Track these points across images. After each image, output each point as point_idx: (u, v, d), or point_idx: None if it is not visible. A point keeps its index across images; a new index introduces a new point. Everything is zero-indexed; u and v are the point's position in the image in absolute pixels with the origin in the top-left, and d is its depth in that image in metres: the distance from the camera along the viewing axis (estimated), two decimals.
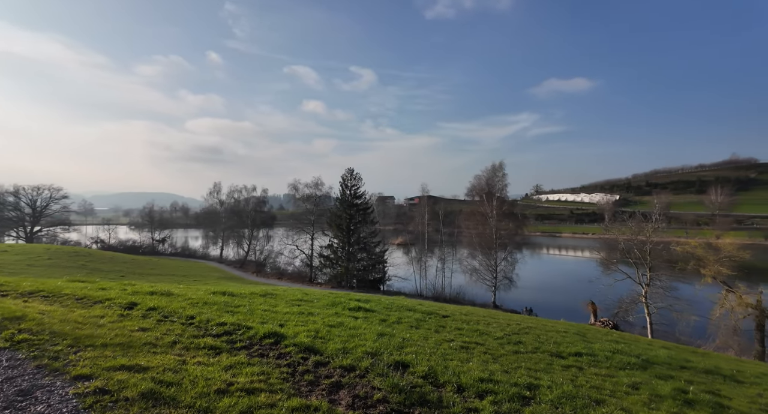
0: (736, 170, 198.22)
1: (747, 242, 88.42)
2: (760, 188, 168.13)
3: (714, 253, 27.11)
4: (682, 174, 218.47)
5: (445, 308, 11.70)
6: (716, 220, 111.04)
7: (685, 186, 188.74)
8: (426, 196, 54.33)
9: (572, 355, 6.84)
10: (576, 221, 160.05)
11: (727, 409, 4.83)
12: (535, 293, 44.12)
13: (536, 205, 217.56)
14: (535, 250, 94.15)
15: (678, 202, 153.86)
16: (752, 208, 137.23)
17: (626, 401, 4.63)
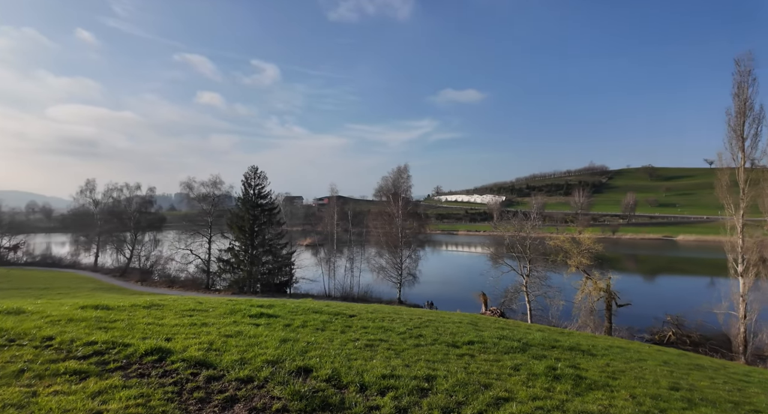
0: (592, 175, 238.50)
1: (600, 236, 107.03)
2: (610, 191, 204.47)
3: (577, 247, 31.97)
4: (553, 178, 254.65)
5: (352, 308, 11.77)
6: (579, 218, 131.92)
7: (556, 189, 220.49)
8: (335, 197, 54.25)
9: (466, 344, 7.44)
10: (470, 220, 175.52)
11: (585, 380, 5.73)
12: (436, 287, 47.17)
13: (437, 205, 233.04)
14: (435, 247, 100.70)
15: (551, 202, 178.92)
16: (604, 208, 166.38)
17: (509, 382, 5.18)
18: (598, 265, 36.12)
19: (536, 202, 57.25)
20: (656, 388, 5.80)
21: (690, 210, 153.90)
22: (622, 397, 5.12)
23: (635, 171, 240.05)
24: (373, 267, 44.01)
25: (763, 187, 23.10)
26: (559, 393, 4.98)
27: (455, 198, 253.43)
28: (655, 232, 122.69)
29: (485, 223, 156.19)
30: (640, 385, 5.84)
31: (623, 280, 44.04)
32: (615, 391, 5.42)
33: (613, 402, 4.87)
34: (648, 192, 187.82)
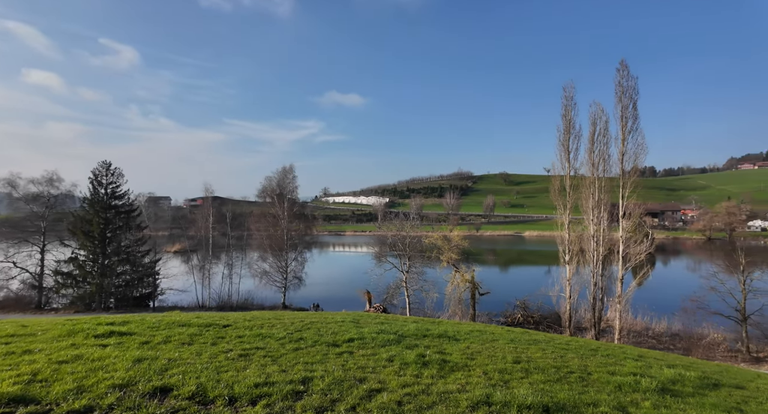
0: (461, 180, 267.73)
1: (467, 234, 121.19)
2: (474, 193, 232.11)
3: (448, 244, 35.41)
4: (429, 182, 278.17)
5: (227, 317, 10.94)
6: (450, 217, 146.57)
7: (431, 191, 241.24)
8: (211, 197, 49.50)
9: (346, 341, 7.61)
10: (357, 221, 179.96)
11: (448, 363, 6.43)
12: (323, 288, 47.05)
13: (324, 207, 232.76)
14: (323, 248, 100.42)
15: (427, 203, 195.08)
16: (470, 208, 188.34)
17: (383, 374, 5.49)
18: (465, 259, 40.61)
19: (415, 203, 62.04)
20: (503, 363, 6.82)
21: (534, 210, 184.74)
22: (476, 375, 5.89)
23: (494, 176, 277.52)
24: (256, 272, 41.68)
25: (581, 192, 28.93)
26: (426, 378, 5.47)
27: (342, 199, 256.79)
28: (509, 229, 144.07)
29: (371, 223, 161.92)
30: (492, 362, 6.80)
31: (484, 271, 50.70)
32: (472, 370, 6.20)
33: (470, 380, 5.56)
34: (503, 195, 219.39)
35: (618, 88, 25.43)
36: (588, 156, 28.41)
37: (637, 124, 25.95)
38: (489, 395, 4.67)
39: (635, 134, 26.07)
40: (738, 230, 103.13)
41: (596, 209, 28.01)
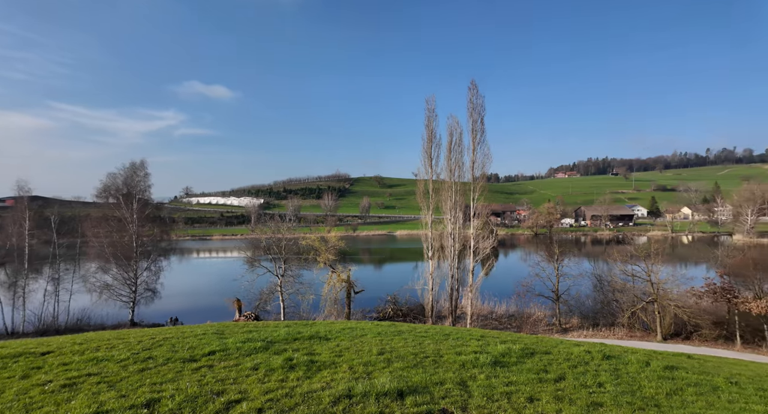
0: (338, 181, 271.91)
1: (344, 234, 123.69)
2: (352, 195, 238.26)
3: (325, 245, 35.56)
4: (307, 183, 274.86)
5: (48, 343, 8.94)
6: (328, 219, 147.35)
7: (309, 192, 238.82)
8: (27, 197, 39.40)
9: (206, 355, 7.02)
10: (226, 224, 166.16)
11: (316, 363, 6.53)
12: (184, 300, 42.13)
13: (186, 208, 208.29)
14: (185, 255, 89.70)
15: (305, 205, 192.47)
16: (347, 210, 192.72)
17: (245, 383, 5.26)
18: (342, 260, 41.33)
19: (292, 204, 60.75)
20: (369, 356, 7.24)
21: (405, 211, 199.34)
22: (342, 370, 6.12)
23: (369, 179, 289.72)
24: (94, 286, 34.85)
25: (442, 194, 32.35)
26: (291, 381, 5.45)
27: (209, 200, 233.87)
28: (383, 228, 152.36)
29: (243, 226, 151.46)
30: (358, 357, 7.14)
31: (360, 270, 52.48)
32: (339, 366, 6.41)
33: (335, 376, 5.75)
34: (378, 196, 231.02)
35: (469, 104, 29.35)
36: (447, 163, 32.02)
37: (485, 137, 30.41)
38: (351, 388, 4.92)
39: (483, 146, 30.51)
40: (555, 227, 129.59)
41: (453, 210, 31.74)
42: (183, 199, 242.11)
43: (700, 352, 19.68)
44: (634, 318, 29.79)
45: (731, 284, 28.51)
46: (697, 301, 28.06)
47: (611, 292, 32.78)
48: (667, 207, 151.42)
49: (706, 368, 8.93)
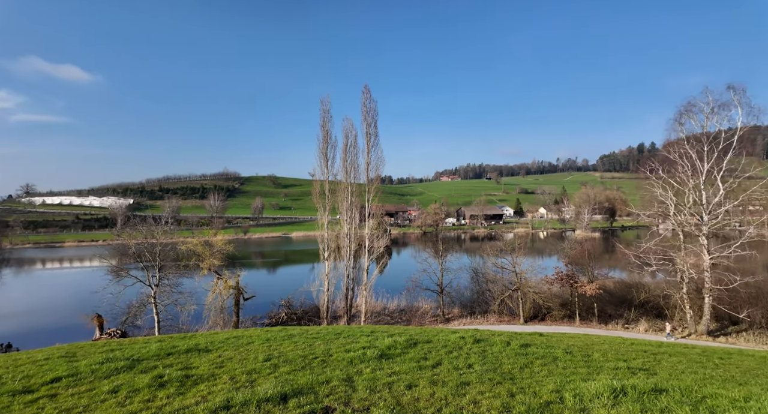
0: (227, 180, 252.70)
1: (233, 237, 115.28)
2: (242, 195, 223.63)
3: (210, 249, 32.71)
4: (189, 181, 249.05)
5: None
6: (214, 221, 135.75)
7: (191, 192, 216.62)
8: None
9: (47, 383, 5.88)
10: (84, 228, 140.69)
11: (191, 377, 5.99)
12: (23, 321, 34.44)
13: (27, 210, 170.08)
14: (23, 267, 73.25)
15: (187, 205, 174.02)
16: (237, 211, 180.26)
17: (99, 410, 4.57)
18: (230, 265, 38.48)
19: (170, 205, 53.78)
20: (254, 364, 6.92)
21: (301, 212, 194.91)
22: (222, 382, 5.74)
23: (262, 178, 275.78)
24: None
25: (338, 195, 32.53)
26: (160, 399, 4.91)
27: (60, 200, 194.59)
28: (277, 230, 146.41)
29: (106, 230, 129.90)
30: (242, 366, 6.77)
31: (251, 275, 49.59)
32: (218, 378, 5.99)
33: (213, 389, 5.37)
34: (272, 197, 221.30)
35: (363, 108, 30.15)
36: (343, 164, 32.33)
37: (378, 140, 31.56)
38: (230, 399, 4.66)
39: (377, 148, 31.63)
40: (440, 226, 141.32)
41: (350, 210, 32.20)
42: (21, 199, 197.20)
43: (550, 330, 23.57)
44: (503, 305, 34.15)
45: (573, 271, 34.73)
46: (549, 287, 33.46)
47: (485, 283, 37.05)
48: (529, 207, 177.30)
49: (551, 343, 10.74)
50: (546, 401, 4.73)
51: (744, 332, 25.74)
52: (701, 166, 26.84)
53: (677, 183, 28.33)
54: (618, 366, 7.70)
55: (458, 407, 4.63)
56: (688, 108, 28.17)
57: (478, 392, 5.24)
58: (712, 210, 26.53)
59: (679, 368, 8.15)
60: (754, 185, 26.43)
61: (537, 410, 4.41)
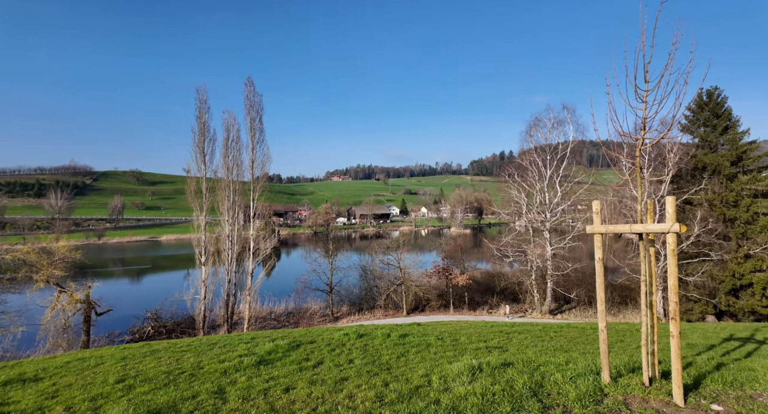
0: (74, 176, 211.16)
1: (84, 243, 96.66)
2: (96, 193, 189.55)
3: (48, 257, 26.97)
4: (19, 176, 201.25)
5: None
6: (57, 223, 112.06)
7: (23, 188, 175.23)
8: None
9: None
10: None
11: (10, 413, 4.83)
12: None
13: None
14: None
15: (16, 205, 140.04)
16: (89, 212, 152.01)
17: None
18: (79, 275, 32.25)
19: None
20: (102, 388, 5.91)
21: (172, 212, 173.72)
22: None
23: (123, 174, 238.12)
24: None
25: (218, 194, 29.96)
26: None
27: None
28: (142, 233, 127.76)
29: None
30: (84, 392, 5.72)
31: (107, 285, 42.27)
32: (50, 410, 4.95)
33: None
34: (136, 195, 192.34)
35: (246, 101, 28.38)
36: (223, 160, 29.88)
37: (264, 136, 30.03)
38: None
39: (262, 145, 30.06)
40: (331, 225, 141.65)
41: (232, 210, 29.92)
42: None
43: (428, 320, 25.61)
44: (388, 299, 35.88)
45: (448, 265, 38.37)
46: (429, 280, 36.34)
47: (373, 280, 38.42)
48: (412, 207, 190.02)
49: (426, 331, 11.67)
50: (416, 386, 5.11)
51: (573, 309, 31.82)
52: (545, 172, 32.30)
53: (528, 186, 33.54)
54: (479, 347, 8.76)
55: (334, 403, 4.69)
56: (535, 123, 33.69)
57: (355, 386, 5.38)
58: (552, 209, 32.13)
59: (524, 344, 9.67)
60: (580, 189, 32.90)
61: (407, 395, 4.73)
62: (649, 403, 4.19)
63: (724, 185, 26.19)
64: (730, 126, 26.84)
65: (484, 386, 4.71)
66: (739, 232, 25.37)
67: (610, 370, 5.09)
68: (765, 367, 5.56)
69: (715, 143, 27.12)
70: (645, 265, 4.86)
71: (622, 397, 4.36)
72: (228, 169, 29.96)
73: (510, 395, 4.43)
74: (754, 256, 24.55)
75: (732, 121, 26.88)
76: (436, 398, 4.53)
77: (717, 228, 25.24)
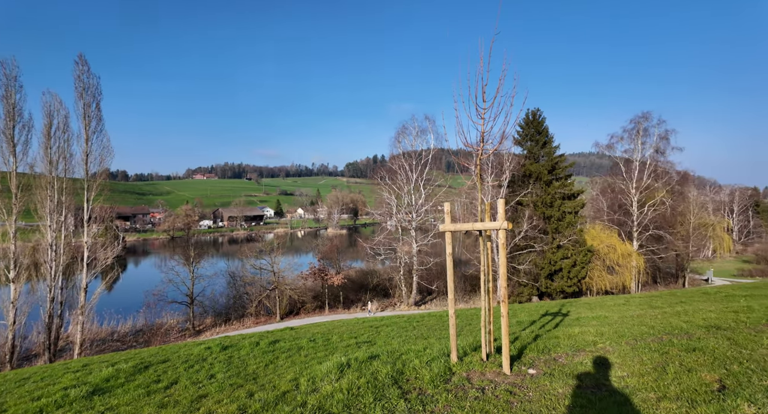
0: None
1: None
2: None
3: None
4: None
5: None
6: None
7: None
8: None
9: None
10: None
11: None
12: None
13: None
14: None
15: None
16: None
17: None
18: None
19: None
20: None
21: None
22: None
23: None
24: None
25: (37, 193, 24.01)
26: None
27: None
28: None
29: None
30: None
31: None
32: None
33: None
34: None
35: (78, 82, 23.53)
36: (44, 152, 24.09)
37: (103, 125, 25.28)
38: None
39: (101, 135, 25.24)
40: (193, 229, 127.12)
41: (57, 213, 24.32)
42: None
43: (303, 322, 25.24)
44: (260, 306, 34.05)
45: (324, 265, 38.46)
46: (304, 282, 35.78)
47: (242, 286, 35.95)
48: (288, 208, 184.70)
49: (299, 335, 11.49)
50: (283, 391, 4.98)
51: (435, 299, 35.36)
52: (412, 176, 35.15)
53: (398, 188, 36.00)
54: (350, 344, 9.02)
55: None
56: (402, 130, 36.42)
57: (215, 402, 4.96)
58: (418, 209, 35.15)
59: (391, 335, 10.35)
60: (440, 191, 36.81)
61: (273, 403, 4.58)
62: (485, 375, 4.95)
63: (544, 189, 32.58)
64: (548, 141, 33.56)
65: (350, 381, 4.87)
66: (553, 227, 31.86)
67: (458, 351, 5.83)
68: (565, 334, 7.11)
69: (537, 155, 33.52)
70: (483, 257, 5.72)
71: (466, 373, 5.03)
72: (51, 162, 24.26)
73: (374, 386, 4.69)
74: (563, 246, 31.16)
75: (549, 137, 33.64)
76: (303, 401, 4.50)
77: (540, 224, 31.26)
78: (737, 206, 75.10)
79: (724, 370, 4.40)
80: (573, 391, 4.24)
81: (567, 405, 3.91)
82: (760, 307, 8.73)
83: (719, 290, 17.42)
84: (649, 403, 3.76)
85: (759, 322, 6.93)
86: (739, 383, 3.99)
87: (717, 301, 12.89)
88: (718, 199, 74.23)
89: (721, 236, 50.45)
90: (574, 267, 30.65)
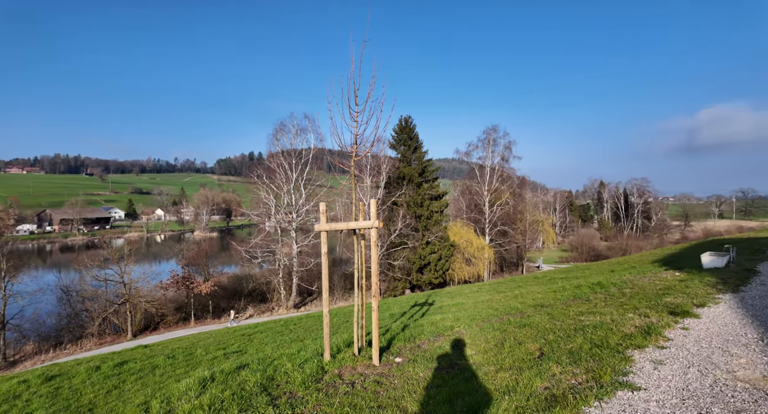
0: None
1: None
2: None
3: None
4: None
5: None
6: None
7: None
8: None
9: None
10: None
11: None
12: None
13: None
14: None
15: None
16: None
17: None
18: None
19: None
20: None
21: None
22: None
23: None
24: None
25: None
26: None
27: None
28: None
29: None
30: None
31: None
32: None
33: None
34: None
35: None
36: None
37: None
38: None
39: None
40: (7, 235, 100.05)
41: None
42: None
43: (161, 338, 22.23)
44: (106, 324, 28.79)
45: (190, 273, 34.51)
46: (164, 292, 31.50)
47: (81, 302, 29.89)
48: (144, 209, 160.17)
49: (155, 352, 10.07)
50: None
51: (315, 300, 35.09)
52: (292, 175, 34.17)
53: (277, 188, 34.56)
54: (216, 356, 8.29)
55: None
56: (281, 128, 35.15)
57: None
58: (299, 210, 34.35)
59: (265, 342, 9.88)
60: (321, 192, 36.67)
61: None
62: (356, 369, 5.11)
63: (416, 191, 35.35)
64: (418, 146, 36.52)
65: (212, 396, 4.47)
66: (423, 225, 34.82)
67: (332, 349, 5.89)
68: (429, 322, 7.83)
69: (410, 159, 36.19)
70: (357, 254, 5.90)
71: (338, 370, 5.11)
72: None
73: (240, 397, 4.40)
74: (432, 242, 34.31)
75: (419, 143, 36.64)
76: None
77: (412, 223, 33.79)
78: (559, 206, 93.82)
79: (543, 340, 5.43)
80: (432, 373, 4.69)
81: (425, 387, 4.31)
82: (571, 287, 11.05)
83: (545, 275, 21.47)
84: (490, 375, 4.41)
85: (569, 298, 8.77)
86: (552, 349, 4.98)
87: (543, 283, 15.85)
88: (546, 200, 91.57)
89: (548, 230, 62.10)
90: (440, 260, 34.00)
